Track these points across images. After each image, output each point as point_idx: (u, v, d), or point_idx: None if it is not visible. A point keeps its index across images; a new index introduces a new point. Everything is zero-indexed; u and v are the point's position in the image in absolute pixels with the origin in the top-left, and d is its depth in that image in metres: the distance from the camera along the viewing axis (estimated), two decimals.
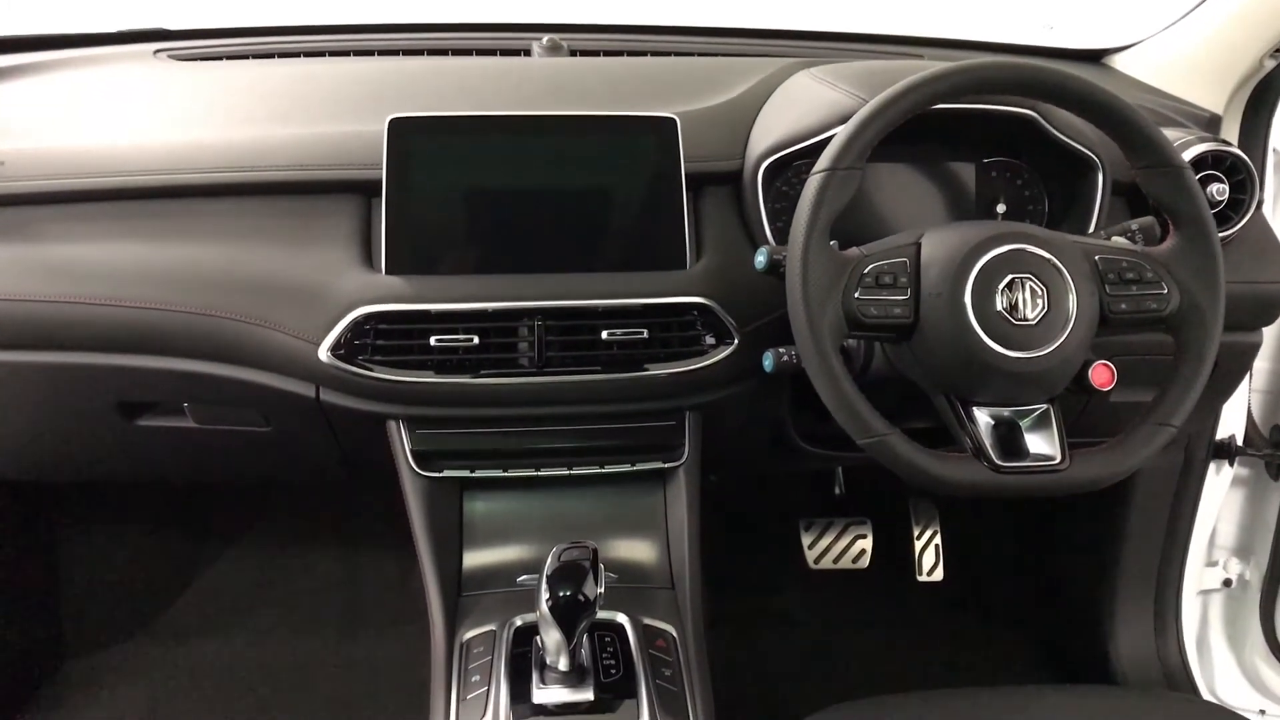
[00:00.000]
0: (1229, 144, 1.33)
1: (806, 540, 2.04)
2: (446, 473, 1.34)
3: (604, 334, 1.24)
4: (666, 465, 1.37)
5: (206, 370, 1.27)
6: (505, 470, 1.36)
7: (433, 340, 1.21)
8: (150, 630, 1.95)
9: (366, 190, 1.27)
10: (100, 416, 1.36)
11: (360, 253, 1.24)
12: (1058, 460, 1.09)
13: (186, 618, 1.97)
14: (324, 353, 1.21)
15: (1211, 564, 1.76)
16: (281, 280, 1.23)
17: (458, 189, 1.25)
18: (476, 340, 1.22)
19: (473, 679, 1.21)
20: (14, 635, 1.80)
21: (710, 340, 1.26)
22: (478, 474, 1.35)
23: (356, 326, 1.20)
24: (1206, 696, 1.72)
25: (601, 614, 1.21)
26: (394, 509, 1.36)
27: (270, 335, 1.22)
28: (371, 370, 1.21)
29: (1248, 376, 1.53)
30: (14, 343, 1.28)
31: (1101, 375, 1.14)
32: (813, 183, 1.08)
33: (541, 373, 1.24)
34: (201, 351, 1.26)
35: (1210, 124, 1.51)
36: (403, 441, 1.31)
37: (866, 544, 2.03)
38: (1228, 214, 1.34)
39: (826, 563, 2.03)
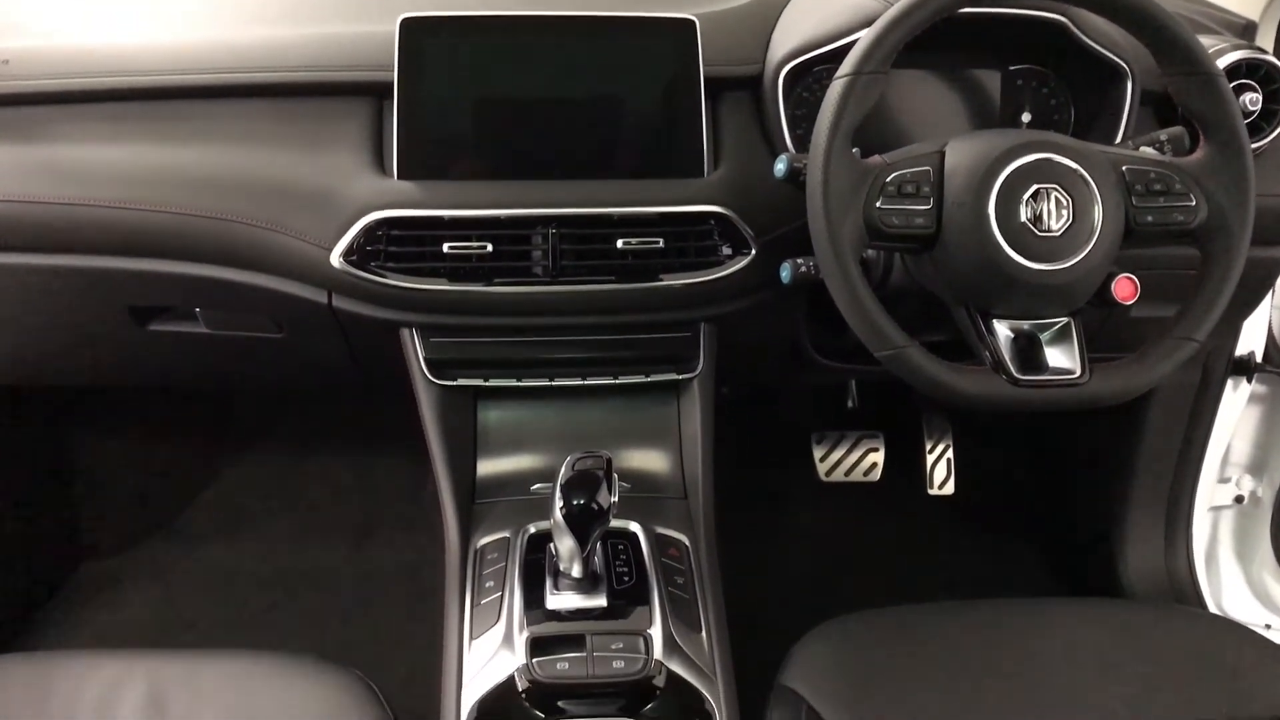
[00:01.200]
0: (1264, 51, 1.29)
1: (818, 453, 2.04)
2: (460, 381, 1.34)
3: (619, 243, 1.22)
4: (681, 377, 1.37)
5: (218, 275, 1.26)
6: (519, 380, 1.36)
7: (445, 247, 1.20)
8: (165, 535, 1.97)
9: (379, 93, 1.24)
10: (112, 321, 1.35)
11: (372, 157, 1.22)
12: (1077, 374, 1.08)
13: (201, 522, 1.99)
14: (336, 258, 1.19)
15: (1224, 481, 1.76)
16: (293, 184, 1.21)
17: (471, 92, 1.23)
18: (490, 248, 1.20)
19: (486, 584, 1.23)
20: (30, 539, 1.82)
21: (727, 250, 1.24)
22: (491, 383, 1.35)
23: (369, 232, 1.19)
24: (1214, 611, 1.73)
25: (615, 522, 1.21)
26: (408, 417, 1.37)
27: (282, 240, 1.21)
28: (384, 277, 1.20)
29: (1270, 292, 1.51)
30: (23, 245, 1.27)
31: (1125, 289, 1.12)
32: (835, 87, 1.06)
33: (555, 282, 1.23)
34: (213, 256, 1.25)
35: (1245, 31, 1.47)
36: (416, 349, 1.30)
37: (878, 457, 2.03)
38: (1259, 124, 1.31)
39: (838, 475, 2.04)
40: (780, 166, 1.12)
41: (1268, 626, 1.71)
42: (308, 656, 1.17)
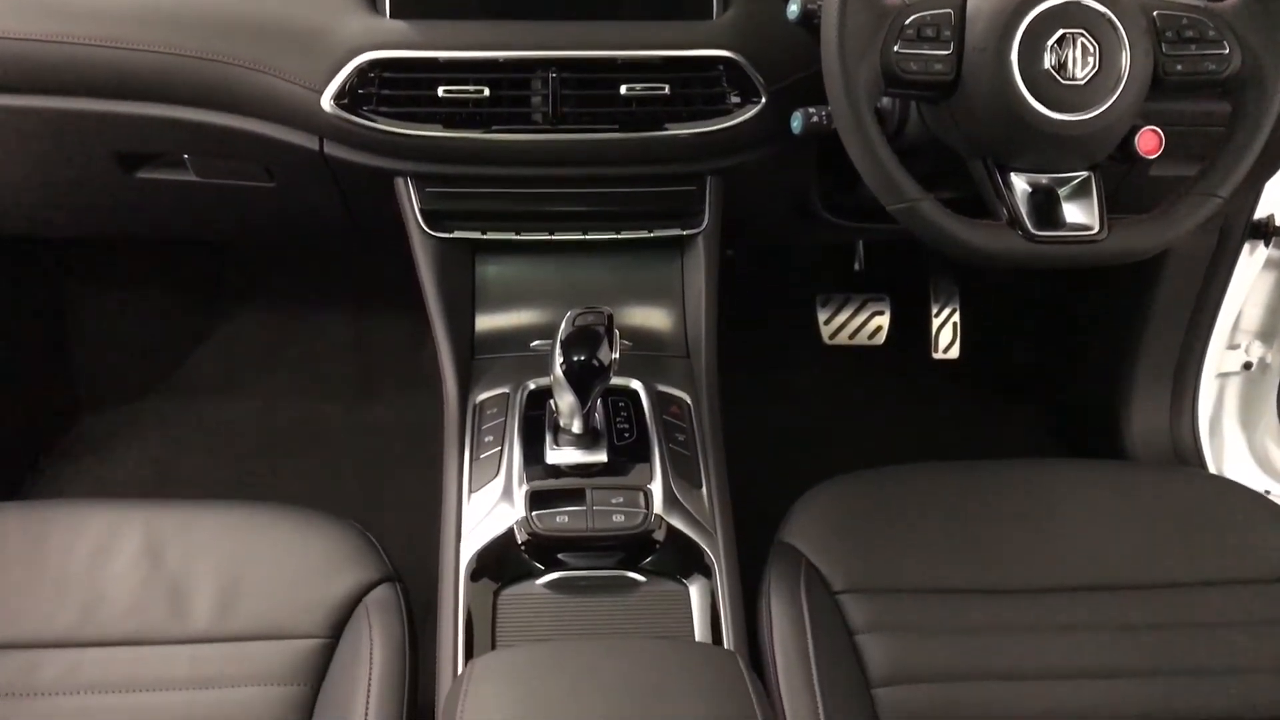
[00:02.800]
0: None
1: (823, 316, 2.02)
2: (457, 234, 1.30)
3: (623, 89, 1.17)
4: (685, 232, 1.33)
5: (205, 119, 1.21)
6: (518, 233, 1.32)
7: (440, 91, 1.15)
8: (162, 389, 1.96)
9: None
10: (98, 167, 1.31)
11: None
12: (1095, 230, 1.05)
13: (198, 377, 1.98)
14: (327, 101, 1.15)
15: (1233, 347, 1.74)
16: (280, 22, 1.16)
17: None
18: (487, 92, 1.15)
19: (485, 439, 1.22)
20: (26, 394, 1.82)
21: (735, 98, 1.19)
22: (489, 236, 1.32)
23: (360, 74, 1.14)
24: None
25: (616, 380, 1.20)
26: (405, 272, 1.34)
27: (271, 82, 1.16)
28: (376, 122, 1.16)
29: None
30: (2, 85, 1.22)
31: (1149, 141, 1.07)
32: None
33: (556, 130, 1.18)
34: (199, 99, 1.20)
35: None
36: (411, 200, 1.26)
37: (883, 320, 2.01)
38: None
39: (842, 339, 2.02)
40: (793, 8, 1.06)
41: (1268, 492, 1.71)
42: (306, 508, 1.17)
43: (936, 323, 1.99)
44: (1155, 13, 1.04)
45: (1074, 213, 1.06)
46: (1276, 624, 1.10)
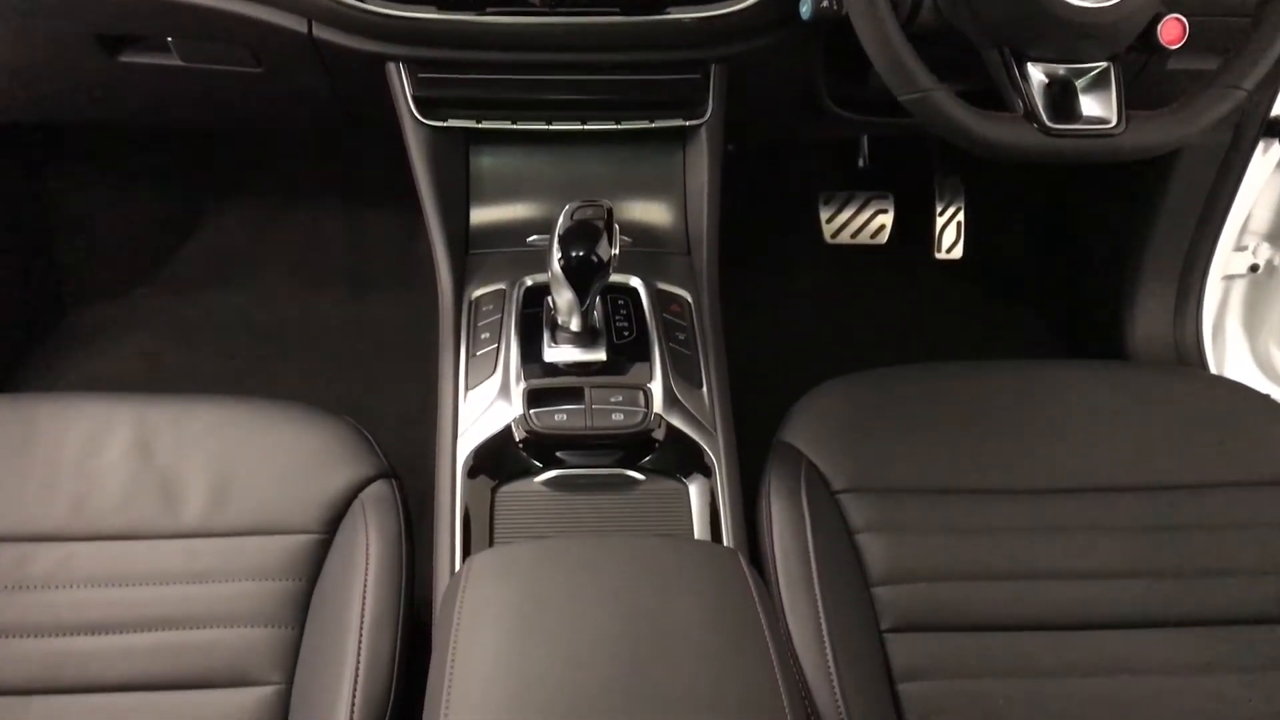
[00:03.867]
0: None
1: (825, 214, 1.98)
2: (451, 122, 1.26)
3: None
4: (688, 123, 1.29)
5: (186, 0, 1.16)
6: (514, 122, 1.28)
7: None
8: (151, 283, 1.93)
9: None
10: (80, 49, 1.26)
11: None
12: (1113, 124, 1.02)
13: (188, 271, 1.95)
14: None
15: (1240, 249, 1.71)
16: None
17: None
18: None
19: (481, 336, 1.20)
20: (13, 288, 1.78)
21: None
22: (484, 125, 1.28)
23: None
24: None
25: (615, 277, 1.17)
26: (398, 164, 1.30)
27: None
28: (367, 2, 1.11)
29: None
30: None
31: (1172, 30, 1.04)
32: None
33: (554, 12, 1.13)
34: None
35: None
36: (403, 86, 1.22)
37: (887, 219, 1.97)
38: None
39: (844, 237, 1.98)
40: None
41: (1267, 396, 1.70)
42: (299, 403, 1.15)
43: (940, 222, 1.95)
44: None
45: (1091, 106, 1.03)
46: (1278, 526, 1.10)
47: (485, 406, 1.14)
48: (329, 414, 1.15)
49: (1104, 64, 1.03)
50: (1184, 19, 1.03)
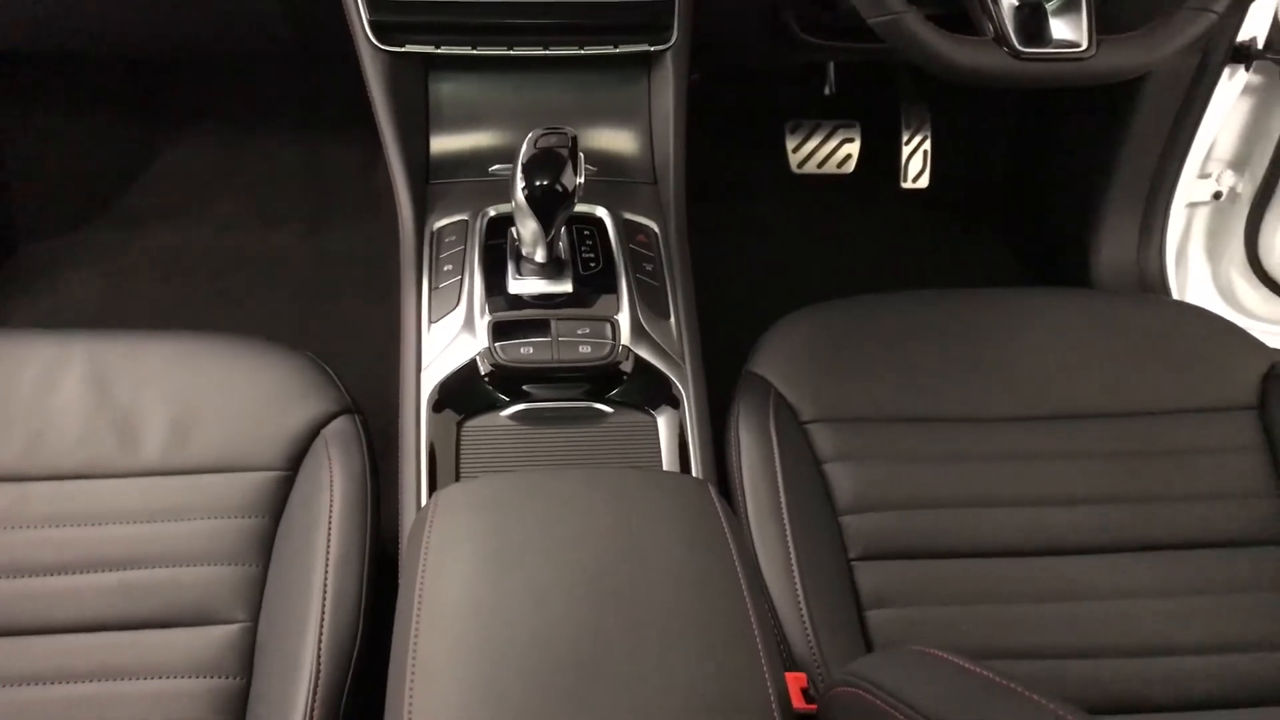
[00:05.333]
0: None
1: (791, 143, 1.96)
2: (408, 48, 1.22)
3: None
4: (653, 48, 1.26)
5: None
6: (474, 47, 1.25)
7: None
8: (106, 216, 1.88)
9: None
10: None
11: None
12: (1084, 46, 1.01)
13: (143, 204, 1.89)
14: None
15: (1205, 176, 1.72)
16: None
17: None
18: None
19: (444, 268, 1.18)
20: None
21: None
22: (443, 50, 1.24)
23: None
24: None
25: (580, 207, 1.16)
26: (356, 94, 1.26)
27: None
28: None
29: None
30: None
31: None
32: None
33: None
34: None
35: None
36: (358, 8, 1.18)
37: (853, 148, 1.96)
38: None
39: (810, 167, 1.97)
40: None
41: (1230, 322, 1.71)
42: (259, 338, 1.13)
43: (906, 151, 1.94)
44: None
45: (1061, 29, 1.02)
46: (1244, 450, 1.11)
47: (449, 340, 1.12)
48: (290, 349, 1.12)
49: None
50: None
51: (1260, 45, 1.55)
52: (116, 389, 1.06)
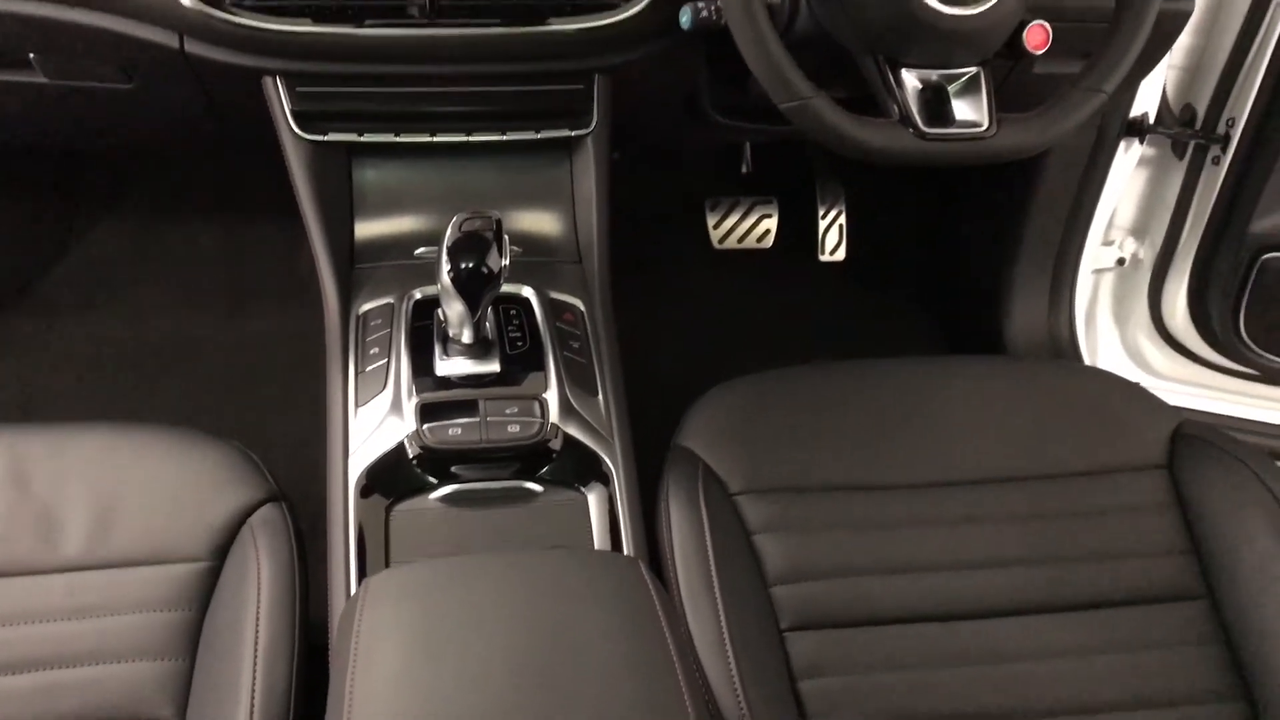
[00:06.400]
0: None
1: (712, 220, 2.00)
2: (331, 136, 1.23)
3: None
4: (574, 133, 1.29)
5: (51, 15, 1.12)
6: (397, 134, 1.26)
7: None
8: (19, 307, 1.84)
9: None
10: None
11: None
12: (985, 126, 1.05)
13: (58, 293, 1.86)
14: None
15: (1108, 243, 1.78)
16: None
17: None
18: None
19: (371, 351, 1.18)
20: None
21: None
22: (366, 138, 1.25)
23: None
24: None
25: (506, 287, 1.17)
26: (277, 175, 1.27)
27: None
28: (240, 16, 1.08)
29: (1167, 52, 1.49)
30: None
31: (1036, 36, 1.08)
32: None
33: (434, 24, 1.12)
34: None
35: None
36: (281, 100, 1.19)
37: (772, 223, 2.01)
38: None
39: (731, 242, 2.01)
40: None
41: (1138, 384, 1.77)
42: (182, 428, 1.11)
43: (823, 225, 1.99)
44: None
45: (964, 110, 1.06)
46: (1155, 508, 1.15)
47: (377, 423, 1.12)
48: (214, 437, 1.11)
49: (974, 69, 1.05)
50: (1047, 25, 1.07)
51: (1152, 120, 1.63)
52: (37, 484, 1.04)
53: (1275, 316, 1.61)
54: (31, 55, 1.20)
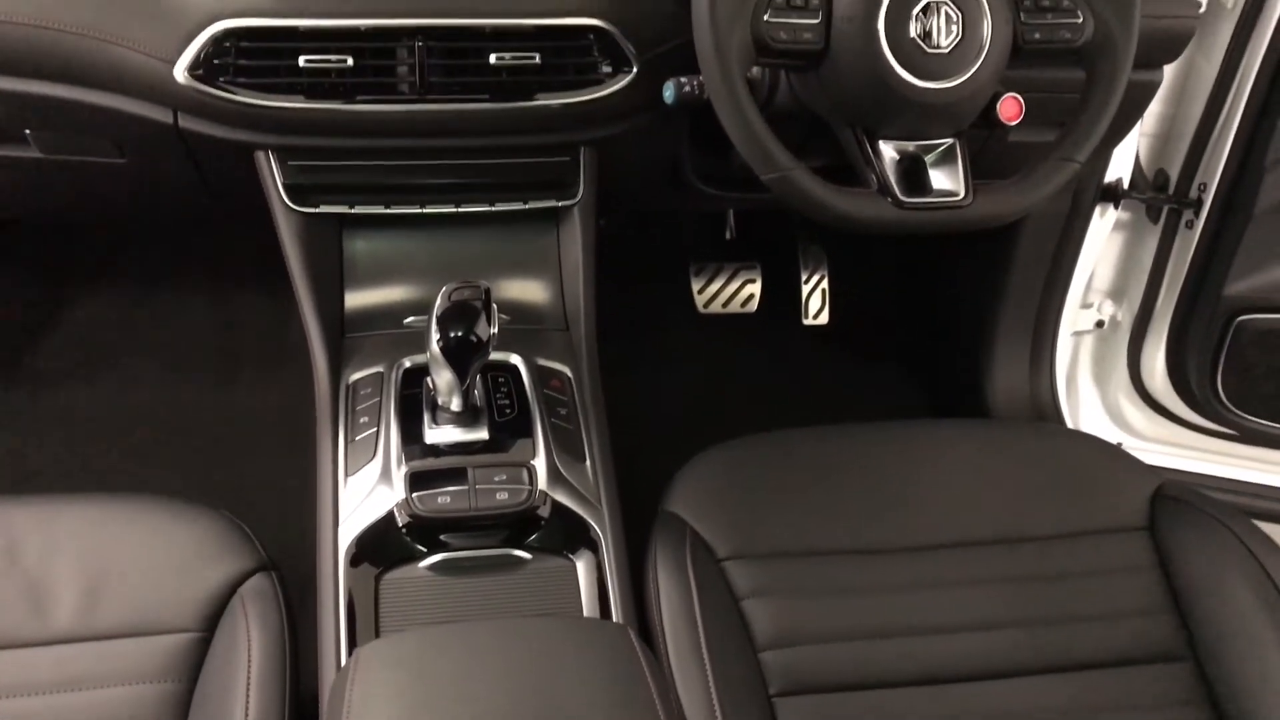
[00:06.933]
0: None
1: (696, 284, 2.03)
2: (323, 208, 1.26)
3: (492, 58, 1.14)
4: (561, 204, 1.31)
5: (48, 92, 1.14)
6: (387, 206, 1.28)
7: (302, 60, 1.10)
8: (9, 378, 1.85)
9: None
10: None
11: None
12: (961, 196, 1.07)
13: (50, 363, 1.87)
14: (180, 73, 1.09)
15: (1086, 306, 1.81)
16: None
17: None
18: (351, 61, 1.11)
19: (360, 420, 1.19)
20: None
21: (607, 68, 1.17)
22: (357, 210, 1.28)
23: (216, 43, 1.08)
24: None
25: (495, 355, 1.18)
26: (269, 247, 1.29)
27: (119, 52, 1.10)
28: (234, 94, 1.11)
29: (1139, 120, 1.53)
30: None
31: (1010, 108, 1.11)
32: None
33: (424, 100, 1.15)
34: (42, 70, 1.12)
35: None
36: (273, 174, 1.21)
37: (755, 288, 2.03)
38: None
39: (715, 307, 2.03)
40: None
41: (1120, 445, 1.79)
42: (172, 498, 1.12)
43: (806, 290, 2.02)
44: None
45: (940, 179, 1.08)
46: (1137, 570, 1.16)
47: (367, 492, 1.13)
48: (203, 507, 1.12)
49: (950, 140, 1.08)
50: (1020, 98, 1.10)
51: (1126, 185, 1.67)
52: (27, 556, 1.04)
53: (1252, 378, 1.64)
54: (28, 131, 1.22)
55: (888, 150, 1.07)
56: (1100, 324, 1.83)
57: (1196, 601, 1.12)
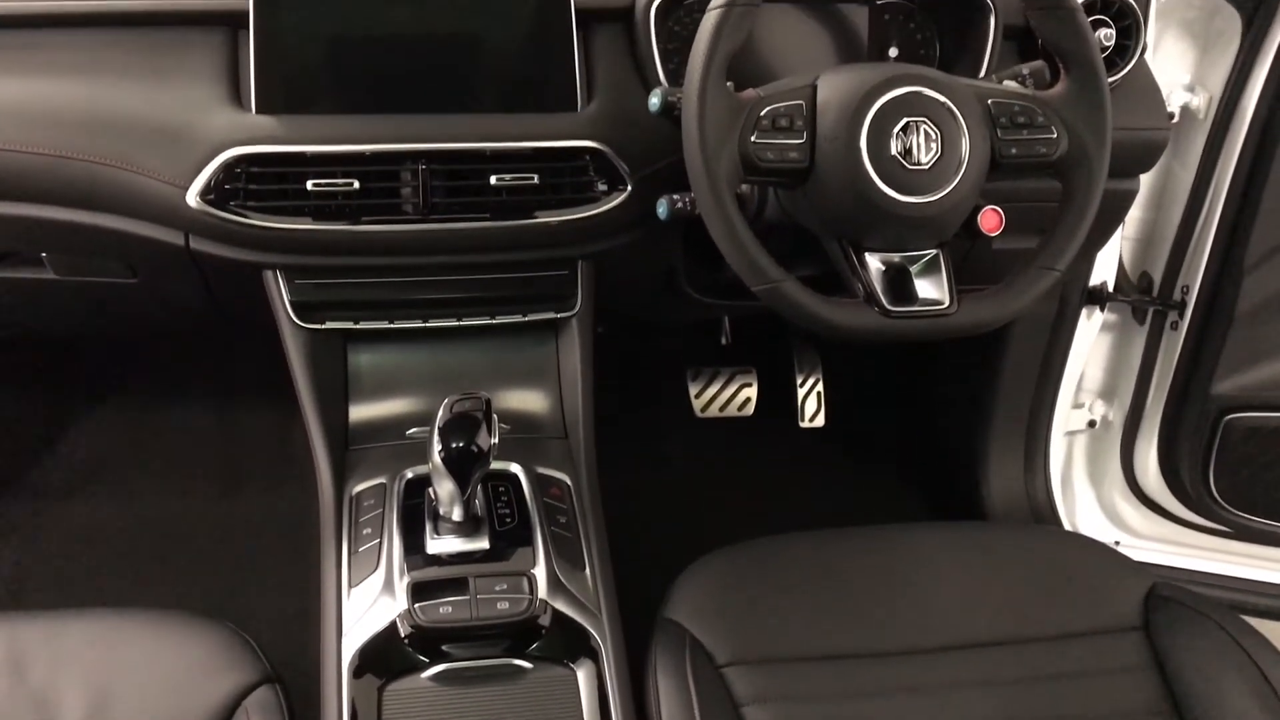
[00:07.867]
0: None
1: (693, 389, 2.06)
2: (328, 324, 1.29)
3: (492, 179, 1.19)
4: (559, 315, 1.35)
5: (65, 218, 1.19)
6: (391, 321, 1.32)
7: (309, 185, 1.15)
8: (14, 492, 1.86)
9: (233, 22, 1.18)
10: None
11: (229, 90, 1.16)
12: (946, 304, 1.10)
13: (53, 478, 1.89)
14: (193, 198, 1.13)
15: (1078, 406, 1.84)
16: (144, 119, 1.14)
17: (331, 19, 1.17)
18: (357, 185, 1.16)
19: (364, 531, 1.20)
20: None
21: (603, 186, 1.22)
22: (361, 326, 1.31)
23: (227, 169, 1.13)
24: (1069, 529, 1.81)
25: (495, 464, 1.20)
26: (272, 361, 1.32)
27: (134, 179, 1.14)
28: (245, 216, 1.15)
29: (1120, 225, 1.57)
30: None
31: (990, 220, 1.15)
32: (709, 19, 1.05)
33: (427, 220, 1.19)
34: (59, 197, 1.17)
35: None
36: (281, 292, 1.25)
37: (752, 392, 2.06)
38: (1114, 59, 1.34)
39: (713, 411, 2.06)
40: (654, 100, 1.11)
41: (1117, 543, 1.80)
42: (176, 611, 1.13)
43: (802, 393, 2.05)
44: (990, 101, 1.11)
45: (926, 288, 1.11)
46: (1133, 670, 1.16)
47: (369, 603, 1.14)
48: (208, 620, 1.13)
49: (934, 251, 1.12)
50: (1000, 210, 1.15)
51: (1111, 288, 1.71)
52: (33, 671, 1.05)
53: (1244, 475, 1.66)
54: (43, 254, 1.27)
55: (873, 261, 1.11)
56: (1092, 424, 1.85)
57: (1192, 701, 1.13)
